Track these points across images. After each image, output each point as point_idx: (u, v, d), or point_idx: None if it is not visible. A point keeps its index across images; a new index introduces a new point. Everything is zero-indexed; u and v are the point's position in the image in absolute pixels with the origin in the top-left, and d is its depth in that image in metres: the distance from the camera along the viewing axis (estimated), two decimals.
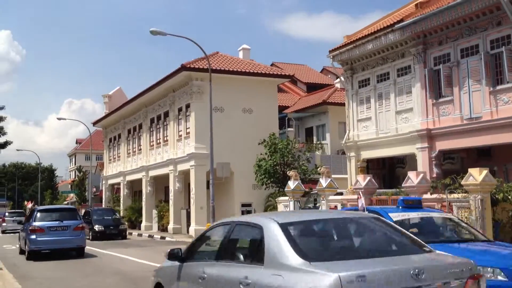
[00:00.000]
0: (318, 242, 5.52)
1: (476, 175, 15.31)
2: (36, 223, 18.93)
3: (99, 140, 65.88)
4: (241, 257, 5.86)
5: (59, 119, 48.75)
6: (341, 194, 22.61)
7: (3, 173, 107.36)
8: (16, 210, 54.54)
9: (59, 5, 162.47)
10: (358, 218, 6.21)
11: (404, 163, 26.69)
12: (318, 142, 32.84)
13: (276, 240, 5.15)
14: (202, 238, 6.99)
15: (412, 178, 18.09)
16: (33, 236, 18.73)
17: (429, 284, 4.68)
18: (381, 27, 23.44)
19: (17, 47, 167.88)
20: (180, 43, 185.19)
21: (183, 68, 28.14)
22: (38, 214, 19.58)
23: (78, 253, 19.59)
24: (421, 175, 18.10)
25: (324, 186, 21.74)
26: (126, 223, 32.46)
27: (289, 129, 34.06)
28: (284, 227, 5.32)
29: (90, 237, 27.80)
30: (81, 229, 19.43)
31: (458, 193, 16.20)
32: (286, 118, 34.95)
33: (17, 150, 70.27)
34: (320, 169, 22.21)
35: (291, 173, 24.24)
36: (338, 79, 38.11)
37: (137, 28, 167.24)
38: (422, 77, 21.82)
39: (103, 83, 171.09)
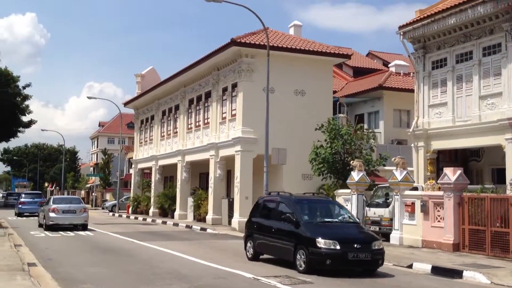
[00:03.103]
0: None
1: None
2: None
3: (122, 123, 63.58)
4: None
5: (89, 97, 46.54)
6: (415, 189, 19.79)
7: (25, 154, 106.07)
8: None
9: None
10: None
11: (480, 156, 23.75)
12: (370, 130, 29.84)
13: None
14: None
15: (449, 175, 16.42)
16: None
17: None
18: None
19: (42, 30, 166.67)
20: (212, 27, 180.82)
21: (233, 42, 25.32)
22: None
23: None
24: (459, 171, 16.55)
25: (399, 180, 18.94)
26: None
27: (340, 115, 31.15)
28: None
29: (302, 265, 12.23)
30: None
31: None
32: (338, 103, 32.05)
33: (42, 130, 68.35)
34: (395, 160, 19.36)
35: (355, 162, 21.45)
36: (394, 63, 35.19)
37: (163, 11, 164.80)
38: None
39: (127, 67, 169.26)
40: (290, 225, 12.96)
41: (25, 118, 57.38)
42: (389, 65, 36.02)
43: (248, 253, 14.61)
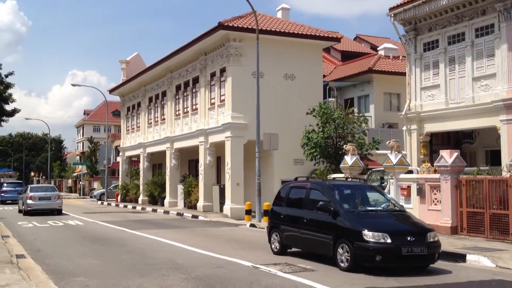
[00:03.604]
0: None
1: None
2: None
3: (108, 111, 62.69)
4: None
5: (73, 85, 45.86)
6: (410, 172, 19.58)
7: (9, 143, 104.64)
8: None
9: None
10: None
11: (473, 138, 23.59)
12: (360, 114, 29.57)
13: None
14: None
15: (446, 157, 16.39)
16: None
17: None
18: None
19: (22, 17, 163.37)
20: (198, 16, 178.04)
21: (221, 26, 24.79)
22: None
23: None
24: (455, 154, 16.50)
25: (394, 163, 18.72)
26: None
27: (330, 99, 30.86)
28: None
29: (346, 262, 10.70)
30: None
31: None
32: (327, 87, 31.71)
33: (26, 118, 66.93)
34: (389, 143, 19.11)
35: (348, 146, 21.21)
36: (383, 46, 34.88)
37: (142, 1, 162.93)
38: (510, 38, 18.56)
39: (111, 55, 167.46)
40: (326, 215, 11.29)
41: (8, 107, 56.20)
42: (378, 49, 35.71)
43: (273, 247, 13.07)
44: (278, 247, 12.94)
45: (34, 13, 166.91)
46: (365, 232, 10.44)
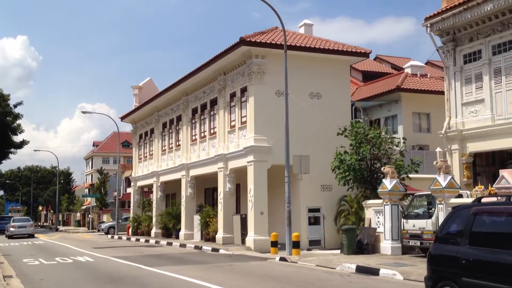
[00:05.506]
0: None
1: None
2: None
3: (116, 143, 61.11)
4: None
5: (83, 112, 44.78)
6: (460, 196, 17.47)
7: (18, 177, 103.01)
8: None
9: (76, 9, 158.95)
10: None
11: None
12: (390, 136, 27.54)
13: None
14: None
15: (507, 178, 14.78)
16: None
17: None
18: None
19: (33, 53, 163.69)
20: (209, 46, 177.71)
21: (243, 42, 23.00)
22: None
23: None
24: None
25: (443, 186, 16.60)
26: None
27: (359, 119, 28.85)
28: None
29: None
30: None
31: None
32: (353, 107, 29.79)
33: (35, 150, 65.40)
34: (437, 163, 17.05)
35: (386, 169, 19.16)
36: (409, 64, 33.13)
37: (152, 32, 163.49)
38: None
39: (120, 88, 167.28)
40: None
41: (16, 138, 54.75)
42: (404, 66, 33.97)
43: None
44: None
45: (45, 47, 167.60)
46: None
